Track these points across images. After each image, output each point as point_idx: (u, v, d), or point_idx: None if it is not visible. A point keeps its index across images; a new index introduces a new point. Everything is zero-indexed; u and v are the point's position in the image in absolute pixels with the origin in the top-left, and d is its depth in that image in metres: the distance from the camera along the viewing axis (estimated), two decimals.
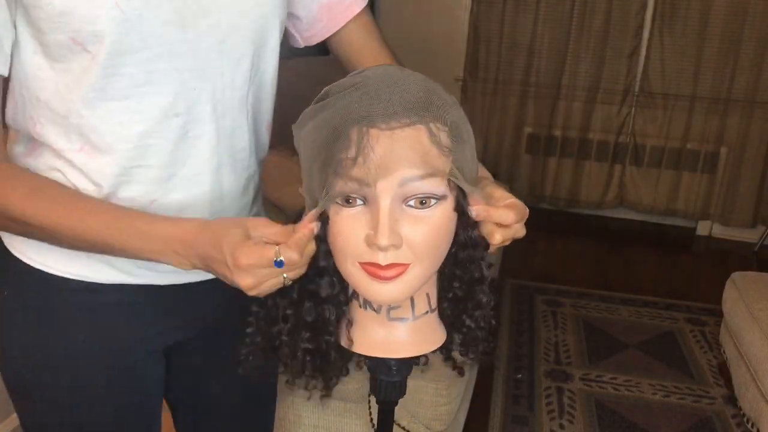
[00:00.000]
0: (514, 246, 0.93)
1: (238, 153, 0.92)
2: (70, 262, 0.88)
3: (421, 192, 0.70)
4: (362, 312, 0.80)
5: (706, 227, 4.07)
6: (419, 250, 0.72)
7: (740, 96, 3.78)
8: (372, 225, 0.70)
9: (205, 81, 0.85)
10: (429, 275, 0.76)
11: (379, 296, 0.73)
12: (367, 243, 0.70)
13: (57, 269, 0.89)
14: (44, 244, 0.86)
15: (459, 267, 0.81)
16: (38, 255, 0.89)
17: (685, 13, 3.71)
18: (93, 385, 0.95)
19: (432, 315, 0.83)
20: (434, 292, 0.82)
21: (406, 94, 0.70)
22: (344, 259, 0.73)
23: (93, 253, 0.83)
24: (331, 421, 1.80)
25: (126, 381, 0.97)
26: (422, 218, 0.71)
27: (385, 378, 0.84)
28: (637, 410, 2.35)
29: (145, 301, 0.94)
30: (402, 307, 0.79)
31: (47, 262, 0.89)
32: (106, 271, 0.90)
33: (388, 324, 0.80)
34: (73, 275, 0.89)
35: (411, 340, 0.81)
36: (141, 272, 0.91)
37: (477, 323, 0.85)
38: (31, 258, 0.89)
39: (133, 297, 0.93)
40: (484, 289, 0.83)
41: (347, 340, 0.82)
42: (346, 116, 0.69)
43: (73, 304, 0.91)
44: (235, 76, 0.88)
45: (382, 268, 0.71)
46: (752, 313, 2.25)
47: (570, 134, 4.03)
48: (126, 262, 0.90)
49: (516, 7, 3.89)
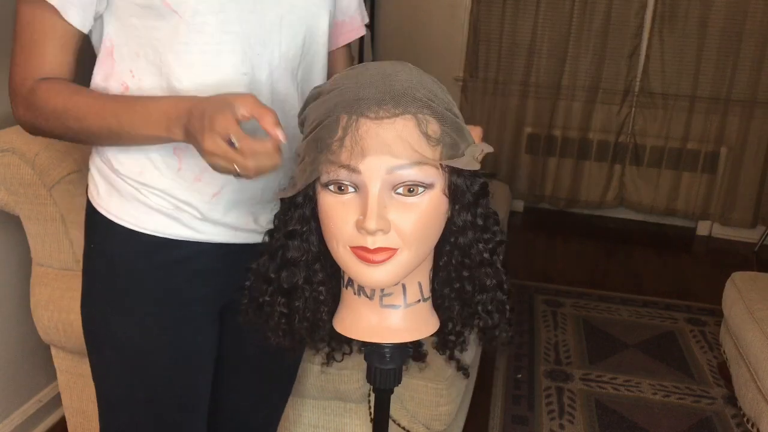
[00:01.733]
0: (514, 246, 0.94)
1: (290, 119, 1.00)
2: (145, 217, 1.02)
3: (409, 180, 0.73)
4: (356, 299, 0.84)
5: (706, 227, 4.07)
6: (407, 236, 0.75)
7: (740, 96, 3.78)
8: (362, 211, 0.73)
9: (266, 47, 0.99)
10: (418, 261, 0.79)
11: (368, 279, 0.76)
12: (357, 228, 0.74)
13: (134, 224, 1.02)
14: (127, 203, 1.02)
15: (461, 253, 0.83)
16: (120, 212, 1.03)
17: (685, 13, 3.71)
18: (156, 335, 1.07)
19: (424, 304, 0.85)
20: (427, 281, 0.85)
21: (397, 85, 0.73)
22: (336, 243, 0.76)
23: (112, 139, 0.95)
24: (331, 420, 1.80)
25: (186, 334, 1.08)
26: (410, 205, 0.75)
27: (379, 366, 0.87)
28: (637, 410, 2.35)
29: (204, 260, 1.06)
30: (394, 294, 0.82)
31: (126, 218, 1.02)
32: (175, 226, 1.03)
33: (381, 310, 0.83)
34: (148, 230, 1.02)
35: (403, 327, 0.84)
36: (205, 228, 1.03)
37: (484, 307, 0.86)
38: (113, 214, 1.03)
39: (195, 255, 1.05)
40: (488, 271, 0.85)
41: (341, 326, 0.85)
42: (338, 103, 0.73)
43: (146, 257, 1.04)
44: (290, 49, 1.02)
45: (371, 252, 0.74)
46: (752, 313, 2.25)
47: (570, 134, 4.03)
48: (193, 221, 1.03)
49: (516, 7, 3.89)
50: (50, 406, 2.10)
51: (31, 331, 1.79)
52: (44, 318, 1.69)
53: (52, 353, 1.80)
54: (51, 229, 1.66)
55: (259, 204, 1.07)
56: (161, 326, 1.07)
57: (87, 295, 1.10)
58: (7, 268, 1.92)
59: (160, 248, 1.04)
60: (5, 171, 1.59)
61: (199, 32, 0.94)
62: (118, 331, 1.07)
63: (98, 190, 1.05)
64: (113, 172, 1.03)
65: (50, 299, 1.68)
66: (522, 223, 4.08)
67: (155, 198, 1.01)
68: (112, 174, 1.03)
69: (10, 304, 1.94)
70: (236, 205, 1.04)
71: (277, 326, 0.87)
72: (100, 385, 1.13)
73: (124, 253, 1.05)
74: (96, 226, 1.07)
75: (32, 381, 2.04)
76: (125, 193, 1.02)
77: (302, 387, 1.74)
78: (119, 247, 1.05)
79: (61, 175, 1.61)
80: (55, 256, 1.69)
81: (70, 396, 1.83)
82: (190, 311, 1.08)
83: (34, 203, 1.63)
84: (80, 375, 1.79)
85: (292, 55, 1.03)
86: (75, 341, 1.68)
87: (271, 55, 1.00)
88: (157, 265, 1.04)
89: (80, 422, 1.85)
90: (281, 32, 1.00)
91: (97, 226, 1.06)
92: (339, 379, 1.69)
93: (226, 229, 1.05)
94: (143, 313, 1.06)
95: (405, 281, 0.81)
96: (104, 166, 1.04)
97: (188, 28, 0.93)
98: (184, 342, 1.09)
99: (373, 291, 0.82)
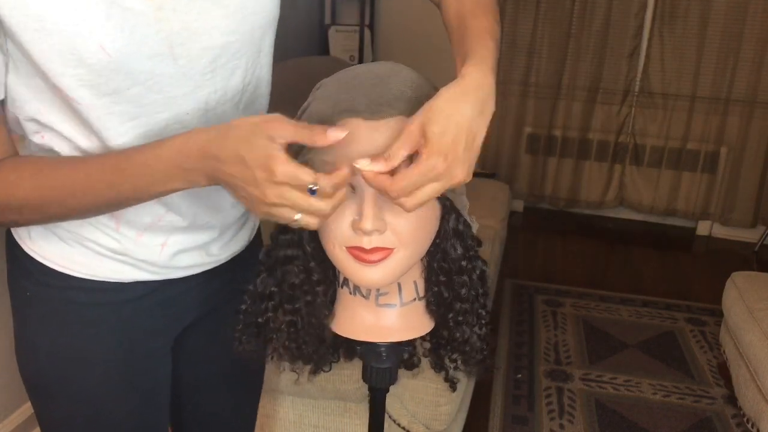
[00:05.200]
0: (514, 246, 0.94)
1: None
2: (94, 264, 0.91)
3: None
4: (352, 298, 0.84)
5: (706, 227, 4.07)
6: (403, 237, 0.75)
7: (740, 96, 3.77)
8: (358, 211, 0.73)
9: (197, 102, 0.85)
10: (414, 261, 0.79)
11: (364, 279, 0.77)
12: (353, 228, 0.74)
13: (81, 272, 0.92)
14: (70, 249, 0.90)
15: (441, 256, 0.84)
16: (62, 259, 0.91)
17: (685, 13, 3.71)
18: (113, 378, 0.98)
19: (419, 303, 0.86)
20: (422, 281, 0.85)
21: (392, 89, 0.74)
22: (332, 243, 0.77)
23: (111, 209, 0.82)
24: (331, 421, 1.80)
25: (144, 373, 1.01)
26: None
27: (375, 365, 0.87)
28: (637, 410, 2.35)
29: (163, 295, 0.98)
30: (390, 293, 0.83)
31: (71, 265, 0.91)
32: (128, 270, 0.93)
33: (377, 310, 0.83)
34: (97, 277, 0.92)
35: (399, 326, 0.84)
36: (162, 270, 0.95)
37: (455, 317, 0.86)
38: (55, 262, 0.92)
39: (152, 291, 0.97)
40: (464, 280, 0.85)
41: (337, 326, 0.86)
42: (334, 107, 0.73)
43: (95, 301, 0.94)
44: (227, 90, 0.87)
45: (367, 252, 0.74)
46: (752, 313, 2.25)
47: (570, 134, 4.03)
48: (147, 263, 0.93)
49: (516, 7, 3.89)
50: None
51: None
52: None
53: None
54: None
55: (211, 240, 0.99)
56: (121, 369, 0.98)
57: (31, 344, 0.97)
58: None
59: (113, 291, 0.94)
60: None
61: (110, 114, 0.80)
62: (74, 383, 0.97)
63: (30, 233, 0.92)
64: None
65: None
66: (522, 223, 4.08)
67: (104, 249, 0.91)
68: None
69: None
70: (187, 249, 0.96)
71: (286, 339, 0.86)
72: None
73: (74, 300, 0.93)
74: (29, 274, 0.93)
75: None
76: (67, 239, 0.91)
77: (302, 387, 1.74)
78: (66, 295, 0.93)
79: None
80: None
81: None
82: (149, 347, 1.01)
83: None
84: None
85: (231, 94, 0.88)
86: None
87: (206, 106, 0.86)
88: (111, 307, 0.95)
89: None
90: (214, 78, 0.85)
91: (32, 273, 0.93)
92: (339, 379, 1.69)
93: (180, 269, 0.98)
94: (101, 359, 0.96)
95: (400, 280, 0.82)
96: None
97: (98, 110, 0.79)
98: (146, 379, 1.02)
99: (368, 290, 0.82)
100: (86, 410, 0.99)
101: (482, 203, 2.90)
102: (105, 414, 1.00)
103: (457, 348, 0.89)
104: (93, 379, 0.97)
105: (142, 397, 1.02)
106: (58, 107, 0.80)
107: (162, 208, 0.90)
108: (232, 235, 1.03)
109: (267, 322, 0.87)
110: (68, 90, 0.76)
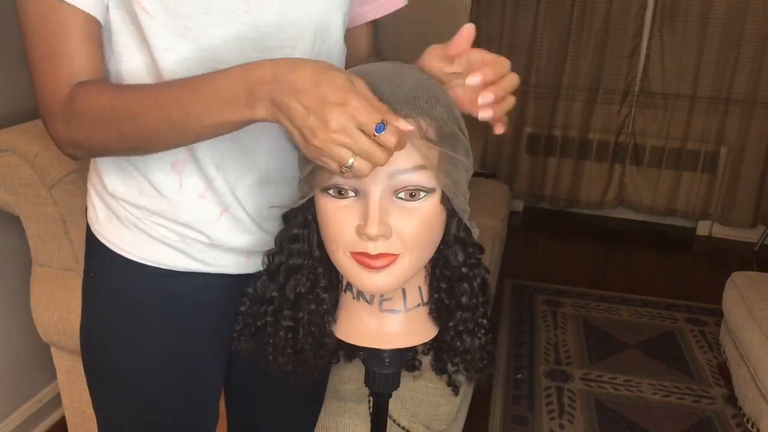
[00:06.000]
0: (514, 246, 0.94)
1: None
2: (149, 249, 0.94)
3: (411, 184, 0.72)
4: (355, 303, 0.83)
5: (706, 227, 4.07)
6: (408, 241, 0.74)
7: (740, 96, 3.77)
8: (363, 216, 0.72)
9: (264, 53, 0.84)
10: (419, 267, 0.78)
11: (369, 285, 0.75)
12: (357, 233, 0.72)
13: (137, 256, 0.94)
14: (128, 232, 0.93)
15: (444, 263, 0.83)
16: (121, 242, 0.94)
17: (685, 13, 3.71)
18: (161, 367, 1.00)
19: (423, 308, 0.85)
20: (426, 286, 0.84)
21: (399, 91, 0.72)
22: (336, 249, 0.75)
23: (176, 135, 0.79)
24: (331, 421, 1.80)
25: (191, 367, 1.02)
26: (412, 210, 0.73)
27: (378, 370, 0.86)
28: (637, 410, 2.35)
29: (216, 291, 0.98)
30: (394, 298, 0.81)
31: (129, 248, 0.94)
32: (182, 259, 0.94)
33: (380, 315, 0.82)
34: (152, 262, 0.94)
35: (402, 332, 0.83)
36: (215, 261, 0.96)
37: (456, 327, 0.85)
38: (114, 244, 0.95)
39: (206, 286, 0.97)
40: (464, 288, 0.83)
41: (340, 331, 0.83)
42: None
43: (151, 288, 0.96)
44: (294, 52, 0.87)
45: (372, 258, 0.73)
46: (752, 313, 2.25)
47: (570, 134, 4.03)
48: (201, 251, 0.94)
49: (516, 7, 3.89)
50: (50, 406, 2.10)
51: (31, 331, 1.79)
52: (44, 318, 1.69)
53: (52, 353, 1.80)
54: (51, 229, 1.65)
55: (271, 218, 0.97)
56: (168, 361, 1.00)
57: (87, 324, 1.02)
58: (7, 268, 1.92)
59: (166, 279, 0.95)
60: (5, 171, 1.59)
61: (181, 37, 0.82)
62: (121, 366, 1.00)
63: (97, 216, 0.96)
64: (110, 196, 0.94)
65: (50, 299, 1.68)
66: (522, 223, 4.08)
67: (158, 228, 0.93)
68: (110, 198, 0.94)
69: (10, 304, 1.94)
70: (243, 228, 0.95)
71: (285, 345, 0.85)
72: (101, 416, 1.07)
73: (127, 285, 0.97)
74: (95, 254, 0.98)
75: (32, 381, 2.04)
76: (125, 220, 0.93)
77: None
78: (121, 278, 0.97)
79: (61, 174, 1.61)
80: (55, 256, 1.69)
81: (70, 396, 1.83)
82: (199, 345, 1.01)
83: (34, 203, 1.63)
84: (80, 375, 1.78)
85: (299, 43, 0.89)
86: (75, 341, 1.67)
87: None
88: (163, 296, 0.97)
89: (80, 422, 1.85)
90: (283, 34, 0.86)
91: (96, 254, 0.98)
92: (339, 379, 1.69)
93: (237, 255, 0.96)
94: (148, 347, 0.98)
95: (405, 285, 0.80)
96: (102, 188, 0.95)
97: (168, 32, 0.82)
98: (192, 377, 1.02)
99: (372, 295, 0.81)
100: (132, 396, 1.01)
101: (482, 203, 2.90)
102: (150, 403, 1.01)
103: (458, 354, 0.88)
104: (140, 365, 0.99)
105: (186, 391, 1.03)
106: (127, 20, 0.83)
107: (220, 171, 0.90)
108: None
109: (265, 326, 0.86)
110: (143, 2, 0.80)
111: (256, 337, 0.88)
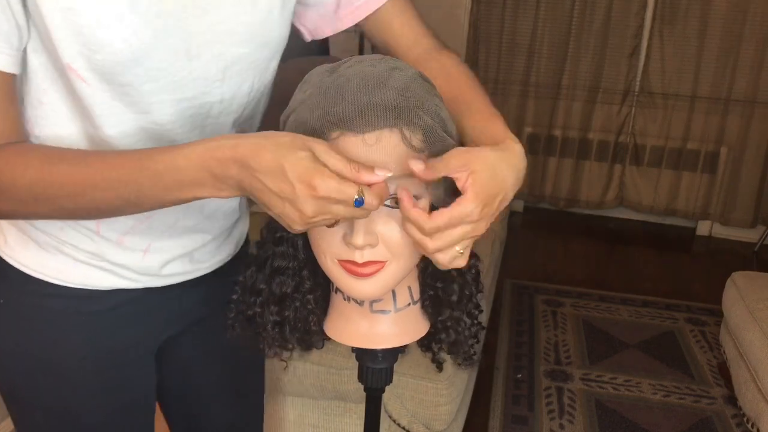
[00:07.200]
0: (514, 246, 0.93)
1: None
2: (72, 271, 0.89)
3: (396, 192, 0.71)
4: (346, 304, 0.83)
5: (706, 227, 4.07)
6: (395, 248, 0.74)
7: (740, 96, 3.78)
8: (349, 225, 0.72)
9: (202, 108, 0.83)
10: (406, 272, 0.78)
11: (357, 292, 0.76)
12: (344, 242, 0.72)
13: (58, 279, 0.89)
14: (48, 255, 0.88)
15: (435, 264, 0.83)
16: (39, 265, 0.89)
17: (685, 13, 3.71)
18: (87, 388, 0.96)
19: (414, 307, 0.85)
20: (416, 285, 0.84)
21: (383, 100, 0.70)
22: (324, 256, 0.75)
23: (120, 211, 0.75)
24: (331, 421, 1.80)
25: (120, 383, 0.98)
26: (398, 217, 0.72)
27: (371, 365, 0.86)
28: (637, 410, 2.35)
29: (141, 304, 0.95)
30: (384, 299, 0.82)
31: (47, 272, 0.89)
32: (108, 278, 0.91)
33: (371, 316, 0.82)
34: (75, 284, 0.90)
35: (393, 332, 0.83)
36: (143, 278, 0.93)
37: (444, 323, 0.86)
38: (29, 267, 0.90)
39: (130, 301, 0.94)
40: (453, 288, 0.84)
41: (331, 331, 0.85)
42: (323, 119, 0.70)
43: (70, 309, 0.91)
44: (233, 101, 0.87)
45: (359, 266, 0.73)
46: (752, 313, 2.25)
47: (570, 134, 4.03)
48: (128, 269, 0.91)
49: (516, 7, 3.89)
50: None
51: None
52: None
53: None
54: None
55: (197, 247, 0.97)
56: (96, 381, 0.95)
57: (2, 356, 0.94)
58: None
59: (90, 299, 0.91)
60: None
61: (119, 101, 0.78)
62: (47, 394, 0.94)
63: (6, 239, 0.90)
64: (27, 223, 0.87)
65: None
66: (522, 223, 4.08)
67: (83, 254, 0.88)
68: (26, 224, 0.87)
69: None
70: (171, 256, 0.94)
71: (272, 336, 0.86)
72: None
73: (46, 308, 0.90)
74: (5, 279, 0.91)
75: None
76: (45, 244, 0.88)
77: (302, 387, 1.74)
78: (40, 302, 0.90)
79: None
80: None
81: None
82: (127, 357, 0.97)
83: None
84: None
85: (235, 107, 0.87)
86: None
87: (208, 114, 0.85)
88: (87, 316, 0.92)
89: None
90: (222, 87, 0.84)
91: (7, 278, 0.90)
92: (339, 379, 1.69)
93: (161, 277, 0.95)
94: (74, 369, 0.93)
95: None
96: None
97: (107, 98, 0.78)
98: (123, 389, 0.99)
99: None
100: (59, 421, 0.97)
101: None
102: (80, 425, 0.98)
103: (448, 345, 0.89)
104: (65, 389, 0.95)
105: (119, 407, 0.99)
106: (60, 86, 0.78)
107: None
108: (219, 244, 1.01)
109: (255, 316, 0.86)
110: (79, 70, 0.74)
111: (249, 324, 0.88)
